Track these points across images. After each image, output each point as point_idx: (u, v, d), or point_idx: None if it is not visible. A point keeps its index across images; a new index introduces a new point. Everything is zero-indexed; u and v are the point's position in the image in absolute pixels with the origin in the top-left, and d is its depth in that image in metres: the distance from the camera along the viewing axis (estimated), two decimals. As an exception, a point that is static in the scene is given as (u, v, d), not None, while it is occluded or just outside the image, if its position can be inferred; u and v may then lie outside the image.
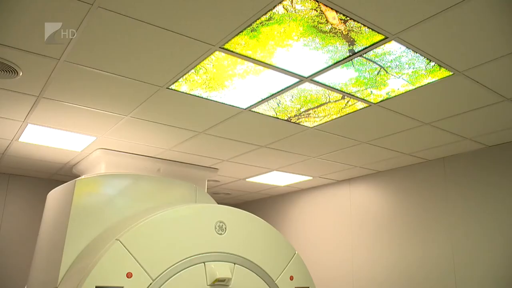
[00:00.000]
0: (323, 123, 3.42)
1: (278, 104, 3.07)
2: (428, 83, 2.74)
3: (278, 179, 5.25)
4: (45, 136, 3.85)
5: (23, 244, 5.12)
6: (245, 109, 3.16)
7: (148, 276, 2.68)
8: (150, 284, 2.68)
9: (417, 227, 4.37)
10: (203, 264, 2.91)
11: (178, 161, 4.50)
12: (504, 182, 3.77)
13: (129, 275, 2.62)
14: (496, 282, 3.67)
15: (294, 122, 3.40)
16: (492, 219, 3.80)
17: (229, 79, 2.71)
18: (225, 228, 3.07)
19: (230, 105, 3.09)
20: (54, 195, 3.78)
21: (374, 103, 3.04)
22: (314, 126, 3.48)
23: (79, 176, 4.61)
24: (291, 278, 3.32)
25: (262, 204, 6.52)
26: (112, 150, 4.19)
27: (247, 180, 5.34)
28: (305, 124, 3.43)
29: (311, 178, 5.21)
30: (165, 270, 2.75)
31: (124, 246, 2.66)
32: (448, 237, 4.08)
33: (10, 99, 3.06)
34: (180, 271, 2.80)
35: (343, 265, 5.07)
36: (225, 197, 6.39)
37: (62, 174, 5.17)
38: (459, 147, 3.97)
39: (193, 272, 2.87)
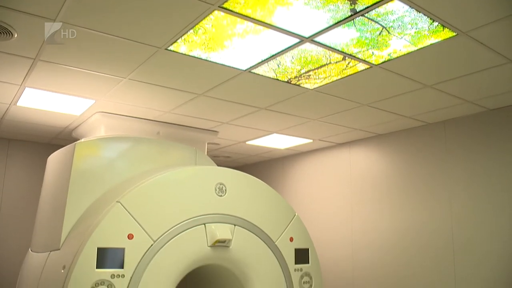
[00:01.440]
0: (323, 85, 3.38)
1: (278, 65, 3.03)
2: (431, 44, 2.69)
3: (278, 141, 5.24)
4: (43, 100, 3.82)
5: (25, 208, 5.17)
6: (245, 70, 3.12)
7: (149, 237, 2.70)
8: (151, 245, 2.71)
9: (417, 190, 4.39)
10: (203, 225, 2.93)
11: (177, 124, 4.48)
12: (504, 145, 3.76)
13: (130, 237, 2.64)
14: (496, 244, 3.71)
15: (294, 84, 3.37)
16: (492, 182, 3.80)
17: (228, 39, 2.66)
18: (225, 189, 3.08)
19: (230, 66, 3.05)
20: (54, 159, 3.78)
21: (375, 65, 3.00)
22: (315, 88, 3.45)
23: (79, 140, 4.61)
24: (291, 239, 3.35)
25: (262, 167, 6.54)
26: (111, 114, 4.16)
27: (247, 143, 5.34)
28: (305, 85, 3.40)
29: (311, 141, 5.20)
30: (166, 232, 2.77)
31: (125, 208, 2.67)
32: (447, 199, 4.10)
33: (6, 62, 3.01)
34: (180, 232, 2.83)
35: (342, 227, 5.12)
36: (225, 160, 6.41)
37: (61, 138, 5.17)
38: (460, 110, 3.94)
39: (194, 233, 2.89)
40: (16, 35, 2.59)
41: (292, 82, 3.34)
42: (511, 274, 3.59)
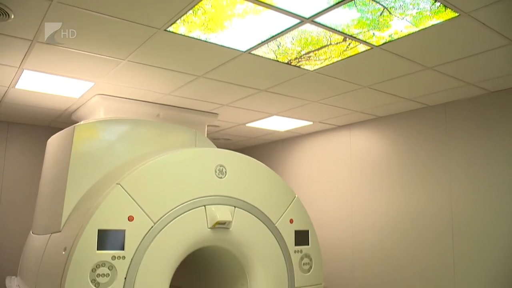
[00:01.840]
0: (323, 67, 3.36)
1: (278, 46, 3.01)
2: (432, 25, 2.66)
3: (278, 124, 5.23)
4: (42, 82, 3.79)
5: (26, 190, 5.17)
6: (245, 51, 3.09)
7: (149, 219, 2.71)
8: (152, 227, 2.72)
9: (417, 172, 4.39)
10: (203, 207, 2.93)
11: (177, 106, 4.46)
12: (505, 128, 3.74)
13: (130, 219, 2.64)
14: (496, 227, 3.71)
15: (294, 65, 3.34)
16: (492, 165, 3.80)
17: (228, 20, 2.63)
18: (225, 171, 3.08)
19: (229, 48, 3.03)
20: (54, 141, 3.77)
21: (376, 46, 2.98)
22: (315, 70, 3.42)
23: (78, 122, 4.59)
24: (291, 221, 3.36)
25: (262, 150, 6.54)
26: (110, 96, 4.14)
27: (247, 125, 5.32)
28: (306, 67, 3.37)
29: (311, 123, 5.19)
30: (166, 213, 2.78)
31: (125, 190, 2.67)
32: (447, 182, 4.10)
33: (3, 43, 2.99)
34: (181, 214, 2.83)
35: (342, 209, 5.13)
36: (225, 142, 6.40)
37: (61, 121, 5.15)
38: (461, 93, 3.92)
39: (194, 215, 2.90)
40: (12, 16, 2.56)
41: (292, 64, 3.31)
42: (510, 257, 3.60)
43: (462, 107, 4.08)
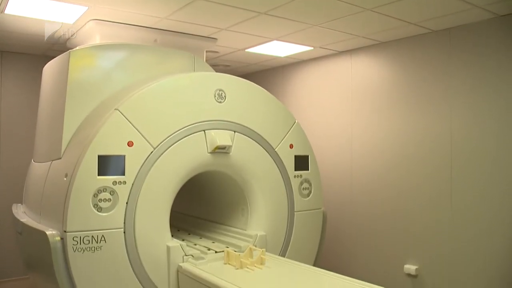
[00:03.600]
0: (325, -13, 3.23)
1: (278, -35, 2.87)
2: None
3: (278, 49, 5.13)
4: (33, 6, 3.65)
5: (25, 120, 5.17)
6: (243, -29, 2.96)
7: (149, 144, 2.71)
8: (151, 152, 2.73)
9: (418, 99, 4.34)
10: (203, 132, 2.94)
11: (175, 31, 4.34)
12: (509, 57, 3.64)
13: (130, 144, 2.65)
14: (495, 157, 3.71)
15: (295, -14, 3.22)
16: (495, 94, 3.72)
17: None
18: (225, 96, 3.05)
19: (227, -33, 2.90)
20: (50, 69, 3.72)
21: (381, -36, 2.84)
22: (316, -9, 3.30)
23: (74, 49, 4.49)
24: (291, 146, 3.37)
25: (262, 76, 6.46)
26: (106, 21, 4.01)
27: (246, 50, 5.21)
28: (307, -12, 3.25)
29: (312, 48, 5.08)
30: (166, 138, 2.78)
31: (124, 115, 2.66)
32: (447, 111, 4.06)
33: (-11, -37, 2.85)
34: (180, 139, 2.84)
35: (342, 135, 5.14)
36: (225, 69, 6.31)
37: (56, 49, 5.03)
38: (468, 17, 3.78)
39: (194, 140, 2.90)
40: None
41: (292, -16, 3.18)
42: (508, 188, 3.63)
43: (467, 33, 3.95)
